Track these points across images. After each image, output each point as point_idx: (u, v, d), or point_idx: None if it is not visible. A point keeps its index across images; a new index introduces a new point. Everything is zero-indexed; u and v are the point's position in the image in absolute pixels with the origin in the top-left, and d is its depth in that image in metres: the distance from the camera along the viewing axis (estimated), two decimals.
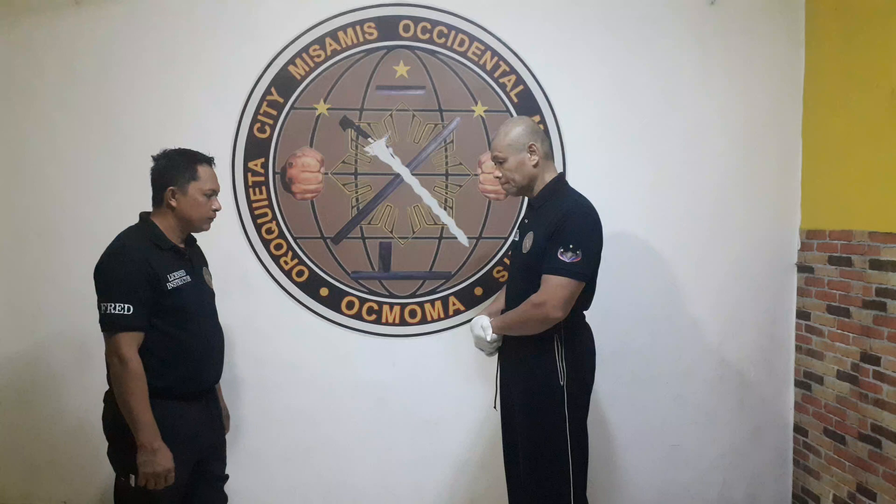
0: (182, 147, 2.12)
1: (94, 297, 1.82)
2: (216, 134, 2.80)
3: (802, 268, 2.96)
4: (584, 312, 2.28)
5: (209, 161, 2.11)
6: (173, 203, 2.03)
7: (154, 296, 1.94)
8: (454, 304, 2.92)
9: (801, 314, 2.97)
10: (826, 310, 2.80)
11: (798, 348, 2.99)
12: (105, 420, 2.03)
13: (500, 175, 2.26)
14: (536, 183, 2.23)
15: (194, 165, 2.05)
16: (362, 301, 2.91)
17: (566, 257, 2.05)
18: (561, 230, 2.07)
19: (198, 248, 2.23)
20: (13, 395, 2.85)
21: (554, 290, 2.05)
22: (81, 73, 2.78)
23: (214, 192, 2.09)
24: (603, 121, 2.90)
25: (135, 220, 2.85)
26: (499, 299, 2.47)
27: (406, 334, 2.93)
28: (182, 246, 2.10)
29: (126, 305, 1.89)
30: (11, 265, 2.82)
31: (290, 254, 2.87)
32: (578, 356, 2.18)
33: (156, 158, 2.08)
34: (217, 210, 2.11)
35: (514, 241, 2.38)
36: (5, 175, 2.81)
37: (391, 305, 2.91)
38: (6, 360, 2.84)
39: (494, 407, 2.40)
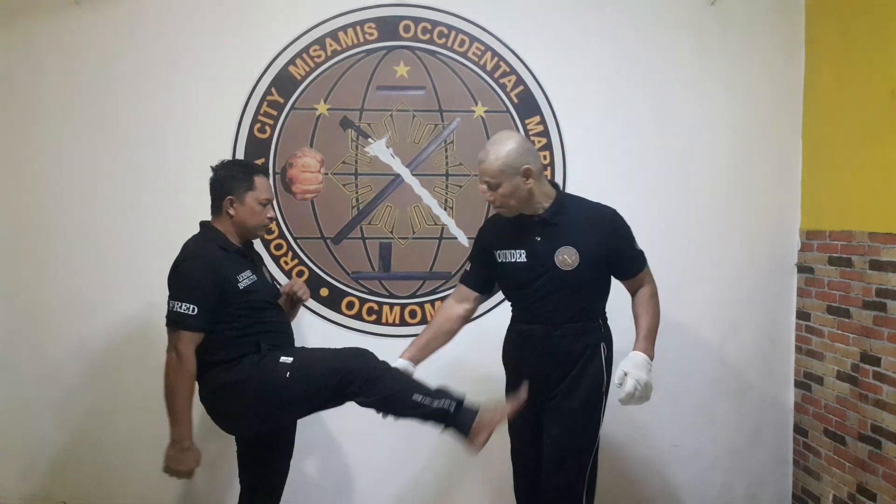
0: (239, 158, 2.28)
1: (95, 297, 1.86)
2: (216, 134, 2.80)
3: (802, 268, 2.96)
4: None
5: (265, 172, 2.26)
6: (231, 212, 2.15)
7: (225, 298, 2.06)
8: None
9: (801, 315, 2.97)
10: (826, 310, 2.80)
11: (798, 349, 2.99)
12: (216, 398, 2.13)
13: (493, 199, 2.08)
14: (534, 199, 2.09)
15: (251, 176, 2.17)
16: (362, 301, 2.91)
17: (637, 249, 2.21)
18: (618, 234, 2.17)
19: (255, 251, 2.36)
20: (13, 395, 2.85)
21: (651, 278, 2.25)
22: (81, 73, 2.78)
23: (269, 201, 2.21)
24: (603, 121, 2.90)
25: (133, 219, 2.86)
26: (423, 336, 2.32)
27: (406, 335, 2.92)
28: (243, 248, 2.23)
29: (192, 306, 2.01)
30: (11, 265, 2.82)
31: (290, 254, 2.87)
32: (611, 362, 2.22)
33: (215, 169, 2.20)
34: (272, 218, 2.24)
35: (527, 263, 2.14)
36: (5, 175, 2.80)
37: (391, 306, 2.91)
38: (6, 361, 2.84)
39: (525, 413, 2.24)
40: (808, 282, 2.92)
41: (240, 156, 2.83)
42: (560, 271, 2.10)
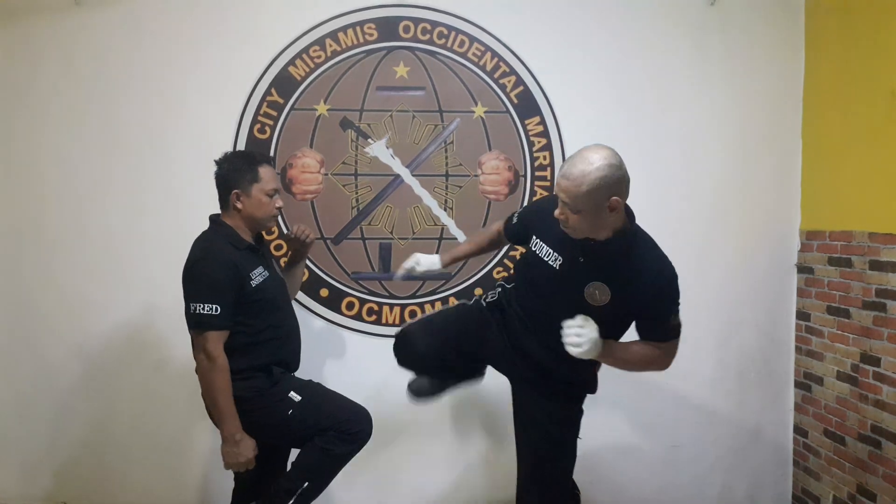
0: (241, 150, 2.22)
1: (94, 297, 1.84)
2: (216, 134, 2.80)
3: (802, 268, 2.96)
4: None
5: (269, 161, 2.22)
6: (239, 205, 2.14)
7: (239, 295, 2.07)
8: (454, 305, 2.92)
9: (801, 315, 2.97)
10: (826, 310, 2.80)
11: (798, 349, 2.99)
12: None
13: (565, 218, 1.83)
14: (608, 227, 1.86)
15: (255, 167, 2.15)
16: (362, 302, 2.91)
17: (677, 321, 1.93)
18: (668, 297, 1.90)
19: (266, 244, 2.36)
20: (13, 396, 2.85)
21: (672, 353, 1.97)
22: (81, 73, 2.78)
23: (276, 190, 2.19)
24: (603, 121, 2.90)
25: (133, 219, 2.86)
26: (468, 242, 2.46)
27: None
28: (254, 244, 2.21)
29: (214, 306, 2.01)
30: (11, 266, 2.82)
31: (290, 254, 2.87)
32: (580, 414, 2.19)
33: (218, 163, 2.18)
34: (280, 207, 2.21)
35: (561, 271, 1.95)
36: (5, 175, 2.80)
37: (391, 306, 2.91)
38: (6, 361, 2.84)
39: (519, 411, 2.27)
40: (808, 282, 2.92)
41: None
42: (583, 302, 1.91)
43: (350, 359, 2.91)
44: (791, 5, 2.93)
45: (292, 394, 2.15)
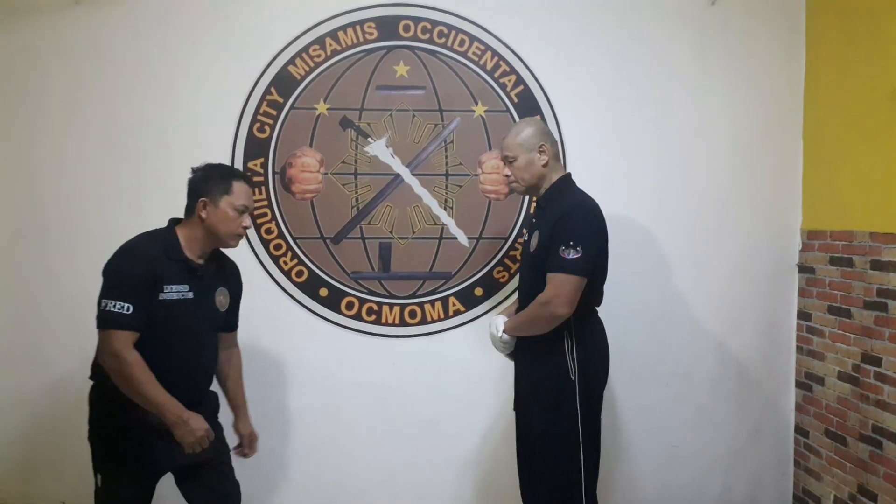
0: (222, 162, 2.17)
1: (94, 297, 1.81)
2: (216, 134, 2.80)
3: (803, 268, 2.95)
4: (597, 308, 2.30)
5: (246, 178, 2.13)
6: (203, 215, 2.03)
7: (149, 303, 1.93)
8: (454, 305, 2.92)
9: (802, 315, 2.96)
10: (827, 310, 2.80)
11: (799, 349, 2.99)
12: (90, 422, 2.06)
13: (510, 174, 2.29)
14: (544, 182, 2.27)
15: (229, 180, 2.06)
16: (362, 301, 2.90)
17: (567, 254, 2.08)
18: (561, 228, 2.11)
19: (230, 269, 2.22)
20: (13, 395, 2.85)
21: (557, 287, 2.08)
22: (81, 73, 2.78)
23: (247, 208, 2.08)
24: (603, 121, 2.90)
25: (133, 219, 2.85)
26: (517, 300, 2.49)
27: (406, 335, 2.93)
28: (199, 261, 2.06)
29: (126, 304, 1.88)
30: (11, 265, 2.82)
31: (289, 254, 2.87)
32: (590, 352, 2.20)
33: (194, 170, 2.11)
34: (247, 228, 2.10)
35: (524, 239, 2.37)
36: (5, 174, 2.80)
37: (391, 306, 2.91)
38: (6, 361, 2.84)
39: (514, 409, 2.37)
40: (809, 282, 2.91)
41: (239, 155, 2.83)
42: (530, 253, 2.26)
43: (350, 359, 2.90)
44: (791, 5, 2.93)
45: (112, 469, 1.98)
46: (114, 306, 1.88)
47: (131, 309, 1.89)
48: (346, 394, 2.91)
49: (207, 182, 2.05)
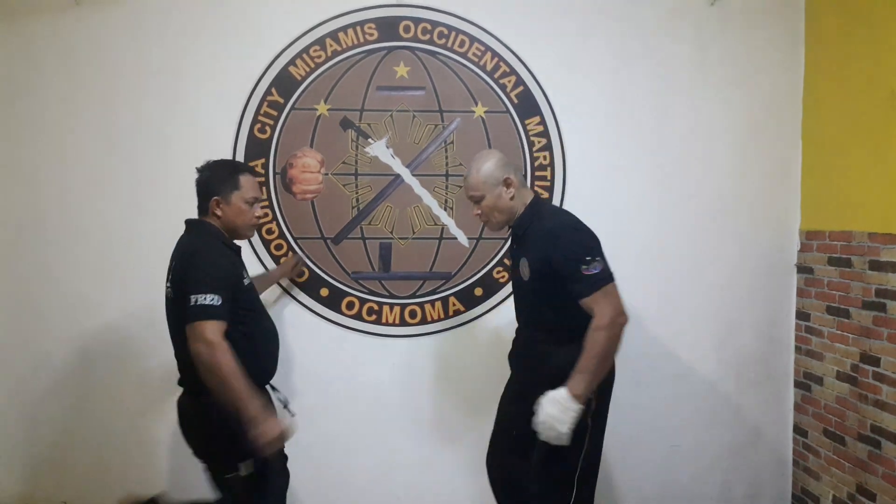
0: (224, 158, 2.25)
1: (95, 298, 1.83)
2: (216, 134, 2.80)
3: (802, 268, 2.96)
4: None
5: (250, 170, 2.23)
6: (219, 212, 2.14)
7: (235, 292, 2.04)
8: (454, 305, 2.92)
9: (801, 315, 2.97)
10: (826, 310, 2.80)
11: (798, 349, 3.00)
12: (193, 424, 2.13)
13: (480, 212, 2.24)
14: (517, 210, 2.22)
15: (236, 176, 2.16)
16: (362, 301, 2.91)
17: (590, 270, 2.02)
18: (564, 252, 2.05)
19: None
20: (13, 396, 2.85)
21: (604, 305, 2.02)
22: (81, 73, 2.78)
23: (257, 199, 2.19)
24: (603, 121, 2.90)
25: (133, 219, 2.85)
26: None
27: (406, 335, 2.93)
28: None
29: (215, 296, 1.96)
30: (11, 265, 2.82)
31: (290, 254, 2.87)
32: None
33: (199, 170, 2.17)
34: (260, 217, 2.22)
35: (511, 267, 2.36)
36: (5, 175, 2.80)
37: (391, 306, 2.92)
38: (6, 361, 2.84)
39: (505, 405, 2.39)
40: (808, 282, 2.92)
41: (240, 156, 2.83)
42: (521, 280, 2.22)
43: (350, 358, 2.91)
44: (791, 5, 2.93)
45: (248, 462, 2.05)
46: (204, 299, 1.95)
47: (220, 300, 1.97)
48: (345, 394, 2.91)
49: (216, 180, 2.14)
